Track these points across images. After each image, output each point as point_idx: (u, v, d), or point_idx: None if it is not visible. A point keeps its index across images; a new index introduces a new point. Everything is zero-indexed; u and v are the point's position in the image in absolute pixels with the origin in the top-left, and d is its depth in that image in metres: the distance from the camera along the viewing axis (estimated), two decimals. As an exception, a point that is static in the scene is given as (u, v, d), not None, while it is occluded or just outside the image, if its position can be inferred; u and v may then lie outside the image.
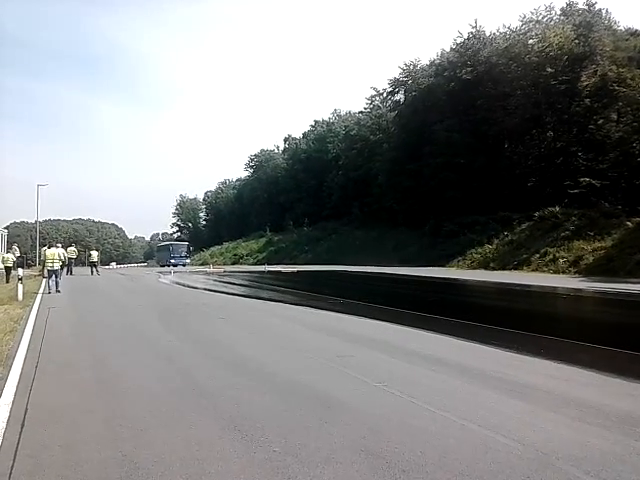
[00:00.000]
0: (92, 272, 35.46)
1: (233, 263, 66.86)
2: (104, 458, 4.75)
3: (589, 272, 28.26)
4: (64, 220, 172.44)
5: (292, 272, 37.67)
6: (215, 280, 32.05)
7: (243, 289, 25.80)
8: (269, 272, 39.28)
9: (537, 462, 4.75)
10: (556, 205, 35.90)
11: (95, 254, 37.52)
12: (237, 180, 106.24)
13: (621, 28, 45.14)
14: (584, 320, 16.24)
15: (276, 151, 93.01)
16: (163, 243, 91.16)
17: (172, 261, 60.67)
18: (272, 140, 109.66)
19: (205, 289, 25.19)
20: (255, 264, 60.88)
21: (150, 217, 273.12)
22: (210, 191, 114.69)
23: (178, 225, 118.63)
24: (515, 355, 9.42)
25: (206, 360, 9.06)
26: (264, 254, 66.23)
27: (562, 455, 4.91)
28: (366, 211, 57.54)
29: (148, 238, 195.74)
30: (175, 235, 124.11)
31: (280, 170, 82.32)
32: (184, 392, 7.01)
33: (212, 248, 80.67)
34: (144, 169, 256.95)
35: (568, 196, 36.62)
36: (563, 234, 32.98)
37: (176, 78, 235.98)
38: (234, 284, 28.79)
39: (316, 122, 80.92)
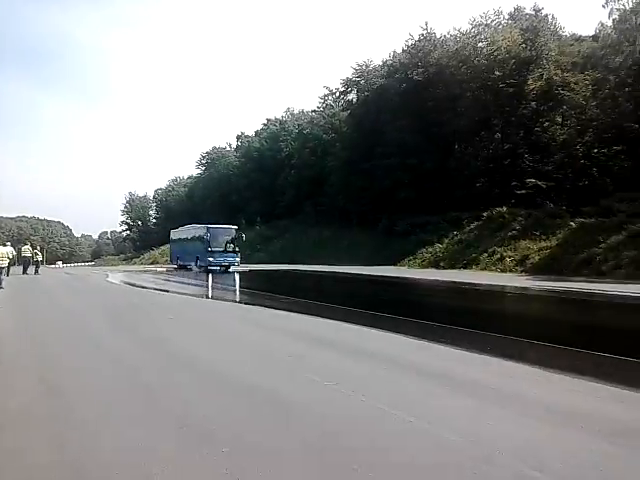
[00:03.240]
0: (33, 271, 34.21)
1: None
2: (49, 463, 4.59)
3: (535, 271, 29.07)
4: (7, 217, 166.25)
5: (244, 271, 37.34)
6: (165, 279, 31.48)
7: (194, 288, 25.42)
8: (221, 271, 38.84)
9: (484, 458, 4.81)
10: (504, 205, 36.79)
11: (30, 250, 35.55)
12: (188, 178, 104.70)
13: (566, 34, 46.56)
14: (530, 318, 16.66)
15: (228, 149, 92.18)
16: (190, 229, 44.65)
17: (210, 259, 36.83)
18: (224, 138, 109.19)
19: (155, 289, 24.68)
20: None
21: (98, 215, 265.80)
22: (160, 189, 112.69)
23: (127, 223, 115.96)
24: (464, 352, 9.55)
25: (154, 360, 8.86)
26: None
27: (508, 450, 4.99)
28: (319, 210, 57.57)
29: (96, 236, 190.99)
30: (124, 234, 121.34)
31: (232, 168, 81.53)
32: (131, 393, 6.82)
33: (162, 247, 79.21)
34: (92, 166, 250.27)
35: (515, 197, 37.59)
36: (510, 234, 33.83)
37: (124, 72, 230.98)
38: (185, 283, 28.35)
39: (269, 120, 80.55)
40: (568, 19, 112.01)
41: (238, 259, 38.25)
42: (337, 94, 62.33)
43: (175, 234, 48.80)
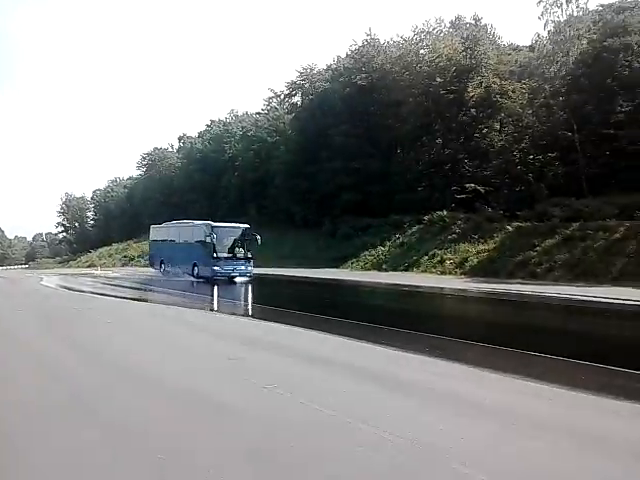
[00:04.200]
0: None
1: (123, 265, 64.14)
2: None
3: (473, 273, 29.78)
4: None
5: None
6: (103, 283, 30.60)
7: (133, 292, 24.81)
8: (161, 274, 38.04)
9: (421, 457, 4.84)
10: (444, 209, 37.56)
11: None
12: (128, 179, 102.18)
13: (504, 43, 48.03)
14: (467, 319, 17.06)
15: (170, 150, 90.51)
16: (182, 226, 34.46)
17: (216, 268, 28.47)
18: (166, 138, 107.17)
19: (92, 292, 24.01)
20: (147, 266, 58.77)
21: (32, 217, 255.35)
22: (99, 189, 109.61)
23: (63, 225, 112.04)
24: (402, 353, 9.67)
25: (89, 366, 8.58)
26: (157, 256, 63.95)
27: (441, 448, 5.07)
28: (263, 212, 57.24)
29: (30, 238, 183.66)
30: (60, 236, 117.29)
31: (174, 169, 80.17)
32: (64, 399, 6.60)
33: (100, 249, 76.93)
34: (26, 165, 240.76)
35: (455, 201, 38.46)
36: (450, 237, 34.57)
37: (61, 66, 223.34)
38: (123, 287, 27.64)
39: (212, 122, 79.63)
40: (506, 29, 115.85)
41: (251, 268, 29.37)
42: (282, 97, 62.36)
43: (158, 232, 37.40)
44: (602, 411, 6.50)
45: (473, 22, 45.92)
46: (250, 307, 19.03)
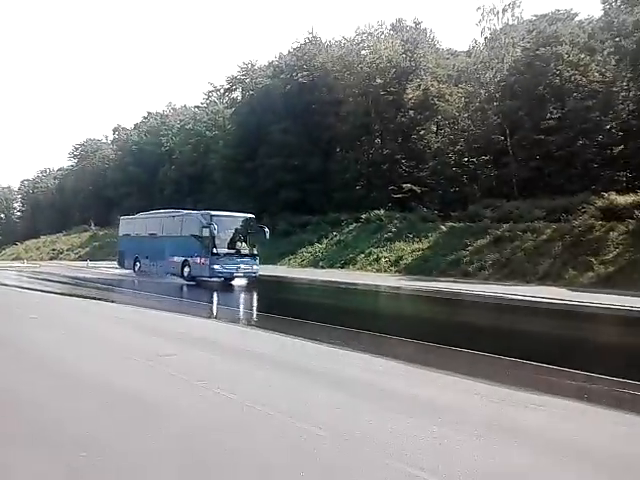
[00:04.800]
0: None
1: (51, 258, 61.77)
2: None
3: (408, 271, 30.29)
4: None
5: (108, 268, 35.64)
6: (30, 277, 29.31)
7: (60, 286, 23.86)
8: (90, 268, 36.84)
9: (353, 452, 4.82)
10: (381, 208, 38.05)
11: None
12: (59, 170, 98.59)
13: (442, 47, 49.18)
14: (401, 316, 17.28)
15: (104, 141, 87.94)
16: (165, 216, 29.63)
17: (216, 266, 24.03)
18: (100, 129, 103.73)
19: (17, 286, 22.95)
20: (77, 260, 56.88)
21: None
22: (27, 180, 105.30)
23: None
24: (336, 350, 9.68)
25: (11, 363, 8.18)
26: (87, 249, 62.21)
27: (370, 442, 5.06)
28: (201, 208, 56.26)
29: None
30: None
31: (108, 162, 77.89)
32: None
33: (27, 242, 73.86)
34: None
35: (392, 200, 39.06)
36: (386, 235, 35.06)
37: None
38: (51, 281, 26.55)
39: (149, 114, 77.82)
40: (445, 34, 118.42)
41: (257, 267, 25.25)
42: (222, 91, 61.56)
43: (130, 224, 32.96)
44: (520, 405, 6.64)
45: (413, 25, 46.77)
46: (182, 303, 18.64)
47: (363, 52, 45.42)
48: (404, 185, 38.97)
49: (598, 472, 4.66)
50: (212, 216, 24.46)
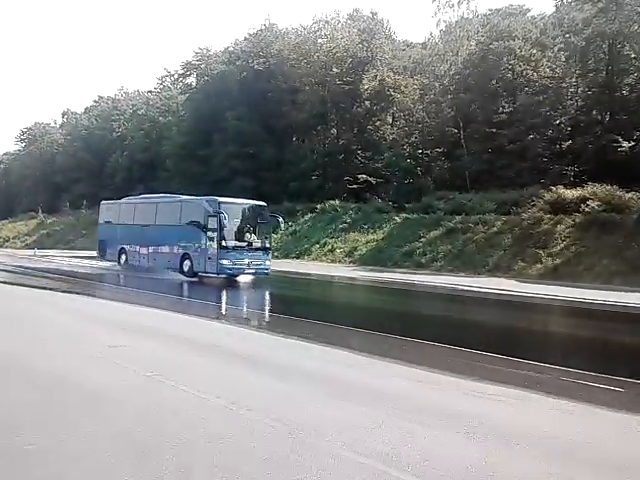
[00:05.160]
0: None
1: (-5, 247, 59.59)
2: None
3: (362, 262, 30.47)
4: None
5: (63, 257, 34.66)
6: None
7: (5, 275, 22.99)
8: (38, 257, 35.72)
9: (303, 441, 4.80)
10: (336, 199, 38.06)
11: None
12: (5, 154, 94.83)
13: (399, 39, 49.35)
14: (354, 306, 17.35)
15: (53, 125, 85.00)
16: (158, 202, 26.30)
17: (225, 261, 20.81)
18: (49, 113, 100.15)
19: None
20: (23, 248, 55.06)
21: None
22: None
23: None
24: (286, 340, 9.63)
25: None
26: (35, 237, 60.10)
27: (320, 431, 5.05)
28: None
29: None
30: None
31: (57, 147, 75.30)
32: None
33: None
34: None
35: (347, 191, 39.12)
36: (341, 226, 35.17)
37: None
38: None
39: (100, 98, 75.57)
40: (401, 26, 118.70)
41: (269, 262, 22.28)
42: (176, 76, 60.43)
43: (114, 210, 29.15)
44: (467, 393, 6.72)
45: (370, 15, 46.68)
46: (134, 293, 18.24)
47: (320, 40, 45.23)
48: (359, 176, 39.06)
49: (539, 456, 4.71)
50: (220, 203, 21.31)
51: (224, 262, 20.53)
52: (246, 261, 21.07)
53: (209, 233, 21.12)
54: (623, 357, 10.65)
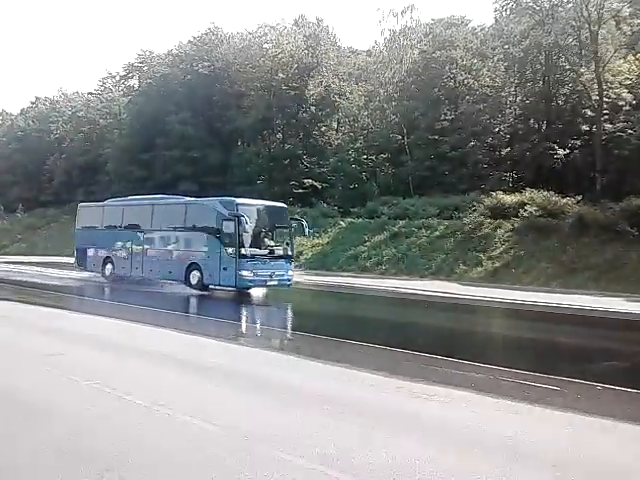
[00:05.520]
0: None
1: None
2: None
3: (308, 266, 30.41)
4: None
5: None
6: None
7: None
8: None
9: (241, 446, 4.72)
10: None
11: None
12: None
13: (344, 46, 49.65)
14: (298, 310, 17.28)
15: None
16: (156, 204, 22.90)
17: (245, 272, 17.73)
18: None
19: None
20: (-47, 254, 52.52)
21: None
22: None
23: None
24: (225, 344, 9.57)
25: None
26: (-34, 242, 57.42)
27: (256, 435, 4.96)
28: (92, 199, 53.68)
29: None
30: None
31: (-9, 149, 72.37)
32: None
33: None
34: None
35: (293, 195, 39.04)
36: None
37: None
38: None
39: (38, 99, 73.04)
40: (346, 33, 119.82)
41: (292, 272, 19.66)
42: (117, 78, 59.16)
43: (93, 214, 25.97)
44: (412, 395, 6.73)
45: (315, 22, 46.82)
46: (76, 300, 17.68)
47: (265, 45, 45.06)
48: (305, 181, 39.15)
49: (487, 456, 4.74)
50: (238, 204, 18.58)
51: (244, 273, 17.60)
52: (269, 272, 18.22)
53: (224, 239, 18.16)
54: (560, 357, 10.96)
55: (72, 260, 26.17)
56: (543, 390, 7.32)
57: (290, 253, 19.56)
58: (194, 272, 18.96)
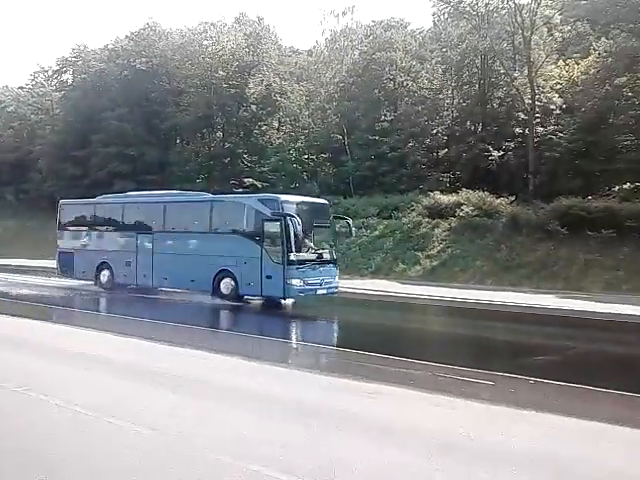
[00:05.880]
0: None
1: None
2: None
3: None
4: None
5: None
6: None
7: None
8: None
9: (183, 450, 4.64)
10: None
11: None
12: None
13: (285, 45, 49.53)
14: (231, 313, 17.15)
15: None
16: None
17: (294, 281, 15.47)
18: None
19: None
20: None
21: None
22: None
23: None
24: (175, 349, 9.44)
25: None
26: None
27: (202, 438, 4.91)
28: (23, 199, 51.75)
29: None
30: None
31: None
32: None
33: None
34: None
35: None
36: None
37: None
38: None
39: (-37, 93, 69.62)
40: (287, 32, 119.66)
41: (337, 278, 17.21)
42: (50, 73, 56.89)
43: (81, 212, 22.94)
44: (351, 392, 6.75)
45: (257, 20, 46.50)
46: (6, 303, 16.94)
47: (205, 42, 44.40)
48: (245, 180, 38.79)
49: (424, 451, 4.78)
50: (283, 202, 16.10)
51: (294, 282, 15.38)
52: (319, 279, 16.13)
53: (266, 243, 15.89)
54: (494, 353, 11.27)
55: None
56: (477, 385, 7.49)
57: (335, 257, 17.40)
58: (226, 280, 16.57)
